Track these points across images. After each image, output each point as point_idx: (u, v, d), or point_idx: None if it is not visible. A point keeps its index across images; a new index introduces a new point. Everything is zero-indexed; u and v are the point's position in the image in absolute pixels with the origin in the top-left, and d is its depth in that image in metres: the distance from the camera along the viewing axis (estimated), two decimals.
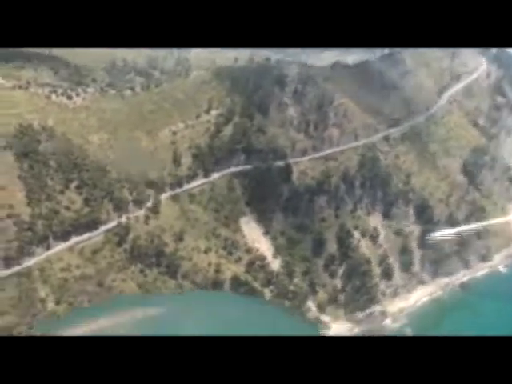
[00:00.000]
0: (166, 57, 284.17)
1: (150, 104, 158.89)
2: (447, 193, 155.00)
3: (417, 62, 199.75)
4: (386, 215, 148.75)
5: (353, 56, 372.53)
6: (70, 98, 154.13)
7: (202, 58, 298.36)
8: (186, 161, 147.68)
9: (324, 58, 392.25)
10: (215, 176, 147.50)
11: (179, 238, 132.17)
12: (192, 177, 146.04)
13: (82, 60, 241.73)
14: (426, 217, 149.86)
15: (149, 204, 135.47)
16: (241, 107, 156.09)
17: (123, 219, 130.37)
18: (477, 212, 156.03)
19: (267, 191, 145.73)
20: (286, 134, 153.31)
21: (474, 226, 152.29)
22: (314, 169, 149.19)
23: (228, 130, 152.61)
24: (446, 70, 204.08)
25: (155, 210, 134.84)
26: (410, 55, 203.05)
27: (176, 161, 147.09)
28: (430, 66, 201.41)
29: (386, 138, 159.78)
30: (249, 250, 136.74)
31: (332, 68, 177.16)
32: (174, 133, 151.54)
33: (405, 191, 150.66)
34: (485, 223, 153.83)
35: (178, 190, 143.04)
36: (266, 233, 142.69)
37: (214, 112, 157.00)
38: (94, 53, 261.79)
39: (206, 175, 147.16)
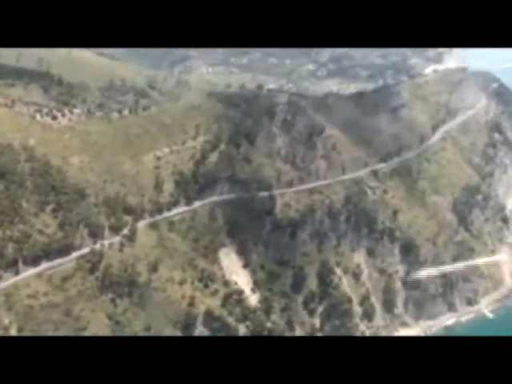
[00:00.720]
0: (166, 77, 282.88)
1: (137, 128, 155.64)
2: (435, 232, 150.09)
3: (414, 95, 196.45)
4: (371, 253, 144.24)
5: (357, 84, 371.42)
6: (54, 118, 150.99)
7: (203, 81, 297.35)
8: (169, 187, 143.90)
9: (327, 85, 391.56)
10: (197, 204, 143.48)
11: (154, 267, 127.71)
12: (173, 204, 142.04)
13: (80, 78, 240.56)
14: (411, 256, 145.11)
15: (125, 231, 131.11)
16: (228, 135, 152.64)
17: (97, 246, 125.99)
18: (465, 253, 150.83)
19: (249, 222, 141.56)
20: (273, 165, 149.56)
21: (461, 267, 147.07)
22: (299, 201, 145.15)
23: (213, 158, 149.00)
24: (443, 104, 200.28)
25: (131, 237, 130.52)
26: (407, 88, 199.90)
27: (158, 187, 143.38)
28: (426, 100, 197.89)
29: (375, 173, 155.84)
30: (226, 283, 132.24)
31: (324, 98, 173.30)
32: (158, 158, 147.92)
33: (391, 228, 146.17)
34: (472, 264, 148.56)
35: (158, 218, 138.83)
36: (246, 265, 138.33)
37: (200, 138, 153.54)
38: (92, 70, 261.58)
39: (188, 203, 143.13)
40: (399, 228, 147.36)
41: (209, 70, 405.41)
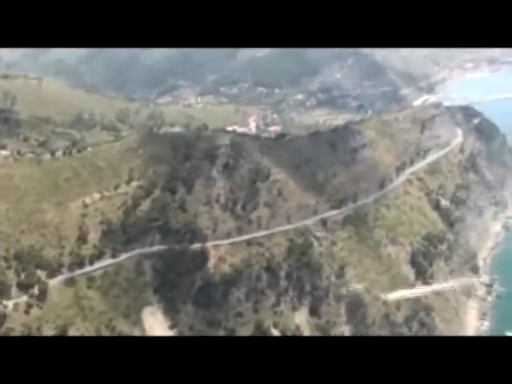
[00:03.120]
0: (139, 110, 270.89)
1: (68, 171, 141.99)
2: (387, 288, 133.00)
3: (380, 133, 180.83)
4: (314, 312, 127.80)
5: (346, 114, 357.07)
6: None
7: (179, 113, 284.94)
8: (94, 238, 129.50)
9: (315, 115, 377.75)
10: (124, 257, 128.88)
11: (62, 331, 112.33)
12: (97, 257, 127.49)
13: (47, 112, 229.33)
14: (358, 317, 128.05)
15: (35, 289, 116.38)
16: (164, 180, 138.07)
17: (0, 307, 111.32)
18: (420, 312, 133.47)
19: (179, 278, 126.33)
20: (210, 213, 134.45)
21: (414, 327, 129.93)
22: (235, 255, 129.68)
23: (146, 205, 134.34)
24: (412, 143, 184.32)
25: (40, 296, 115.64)
26: (373, 125, 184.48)
27: (82, 237, 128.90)
28: (394, 138, 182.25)
29: (324, 222, 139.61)
30: None
31: (276, 140, 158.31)
32: (86, 205, 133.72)
33: (337, 285, 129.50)
34: (428, 323, 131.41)
35: (77, 273, 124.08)
36: (173, 326, 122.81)
37: (134, 183, 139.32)
38: (63, 103, 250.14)
39: (114, 255, 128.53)
40: (346, 284, 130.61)
41: (198, 100, 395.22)
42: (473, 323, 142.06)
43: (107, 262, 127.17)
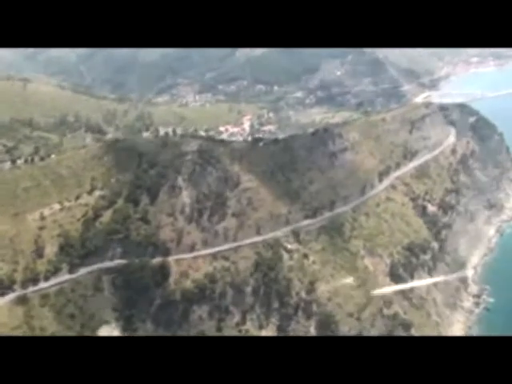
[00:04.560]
0: (128, 111, 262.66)
1: (28, 180, 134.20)
2: (361, 304, 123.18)
3: (365, 135, 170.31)
4: (282, 330, 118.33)
5: (345, 112, 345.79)
6: None
7: (169, 113, 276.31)
8: (50, 252, 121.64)
9: (312, 113, 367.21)
10: (82, 272, 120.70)
11: None
12: (53, 272, 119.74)
13: (31, 114, 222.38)
14: (329, 334, 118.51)
15: None
16: (128, 189, 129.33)
17: None
18: (398, 329, 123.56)
19: (138, 294, 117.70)
20: (173, 225, 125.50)
21: None
22: (198, 269, 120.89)
23: (107, 217, 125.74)
24: (399, 145, 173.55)
25: None
26: (357, 127, 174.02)
27: (37, 252, 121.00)
28: (379, 140, 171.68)
29: (296, 233, 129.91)
30: None
31: (249, 145, 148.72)
32: (44, 217, 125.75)
33: (307, 301, 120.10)
34: None
35: (30, 290, 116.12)
36: None
37: (96, 193, 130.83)
38: (49, 105, 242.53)
39: (71, 270, 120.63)
40: (317, 300, 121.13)
41: (196, 98, 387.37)
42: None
43: (64, 277, 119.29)
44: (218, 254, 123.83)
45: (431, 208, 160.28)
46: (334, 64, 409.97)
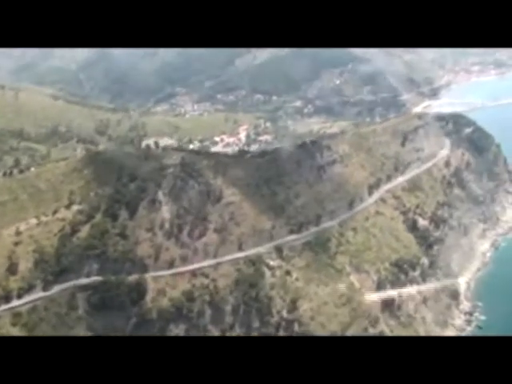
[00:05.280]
0: (121, 121, 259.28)
1: (5, 194, 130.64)
2: (345, 323, 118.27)
3: (355, 147, 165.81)
4: None
5: (343, 122, 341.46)
6: None
7: (164, 123, 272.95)
8: (25, 268, 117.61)
9: (311, 123, 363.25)
10: (57, 289, 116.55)
11: None
12: (27, 290, 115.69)
13: (22, 125, 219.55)
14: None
15: None
16: (106, 203, 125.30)
17: None
18: None
19: (113, 313, 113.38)
20: (152, 240, 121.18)
21: None
22: (176, 287, 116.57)
23: (84, 232, 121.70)
24: (390, 158, 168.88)
25: None
26: (347, 139, 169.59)
27: (11, 268, 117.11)
28: (370, 153, 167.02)
29: (279, 249, 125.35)
30: None
31: (235, 157, 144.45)
32: (20, 232, 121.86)
33: (289, 320, 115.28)
34: None
35: (1, 308, 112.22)
36: None
37: (75, 207, 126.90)
38: (41, 115, 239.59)
39: (46, 288, 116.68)
40: (299, 319, 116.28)
41: (194, 107, 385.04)
42: None
43: (37, 295, 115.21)
44: (198, 270, 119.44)
45: (422, 222, 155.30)
46: (334, 73, 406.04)
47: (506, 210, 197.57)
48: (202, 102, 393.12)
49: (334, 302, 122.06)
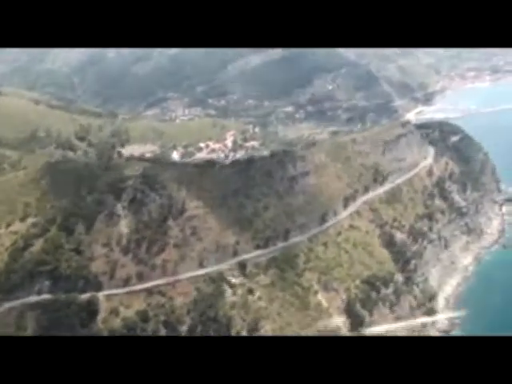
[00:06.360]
0: (103, 126, 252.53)
1: None
2: None
3: (333, 156, 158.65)
4: None
5: (334, 128, 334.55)
6: None
7: (148, 129, 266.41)
8: None
9: (301, 128, 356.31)
10: (5, 307, 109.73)
11: None
12: None
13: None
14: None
15: None
16: (62, 216, 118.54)
17: None
18: None
19: (63, 334, 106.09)
20: (108, 256, 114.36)
21: None
22: (130, 306, 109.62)
23: (38, 246, 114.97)
24: (369, 168, 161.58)
25: None
26: (324, 148, 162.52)
27: None
28: (348, 163, 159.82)
29: (243, 265, 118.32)
30: None
31: (202, 168, 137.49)
32: None
33: None
34: None
35: None
36: None
37: (30, 220, 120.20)
38: (18, 120, 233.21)
39: None
40: None
41: (185, 112, 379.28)
42: None
43: None
44: (154, 289, 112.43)
45: (400, 236, 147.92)
46: (327, 78, 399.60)
47: (491, 221, 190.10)
48: (193, 106, 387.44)
49: (298, 323, 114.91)
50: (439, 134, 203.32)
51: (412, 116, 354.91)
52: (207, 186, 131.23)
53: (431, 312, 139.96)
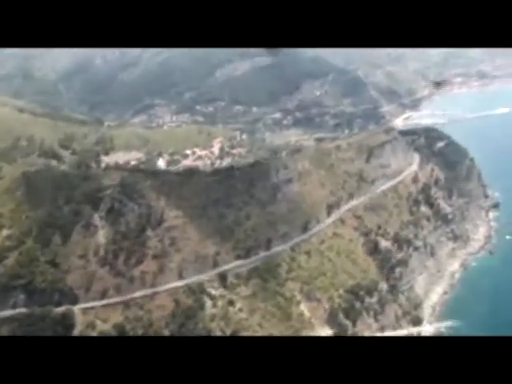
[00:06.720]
0: (88, 133, 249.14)
1: None
2: None
3: (316, 163, 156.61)
4: None
5: (321, 134, 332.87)
6: None
7: (133, 136, 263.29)
8: None
9: (288, 135, 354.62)
10: None
11: None
12: None
13: None
14: None
15: None
16: (38, 228, 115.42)
17: None
18: None
19: None
20: (85, 268, 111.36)
21: None
22: (107, 320, 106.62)
23: (12, 259, 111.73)
24: (354, 175, 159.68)
25: None
26: (308, 155, 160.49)
27: None
28: (332, 170, 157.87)
29: (223, 276, 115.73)
30: None
31: (183, 177, 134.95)
32: None
33: None
34: None
35: None
36: None
37: (5, 232, 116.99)
38: (0, 127, 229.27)
39: None
40: None
41: (173, 119, 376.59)
42: None
43: None
44: (132, 301, 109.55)
45: (384, 243, 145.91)
46: (315, 84, 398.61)
47: (478, 227, 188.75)
48: (180, 113, 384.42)
49: (280, 334, 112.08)
50: (425, 140, 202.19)
51: (400, 121, 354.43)
52: (187, 195, 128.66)
53: (417, 320, 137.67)
